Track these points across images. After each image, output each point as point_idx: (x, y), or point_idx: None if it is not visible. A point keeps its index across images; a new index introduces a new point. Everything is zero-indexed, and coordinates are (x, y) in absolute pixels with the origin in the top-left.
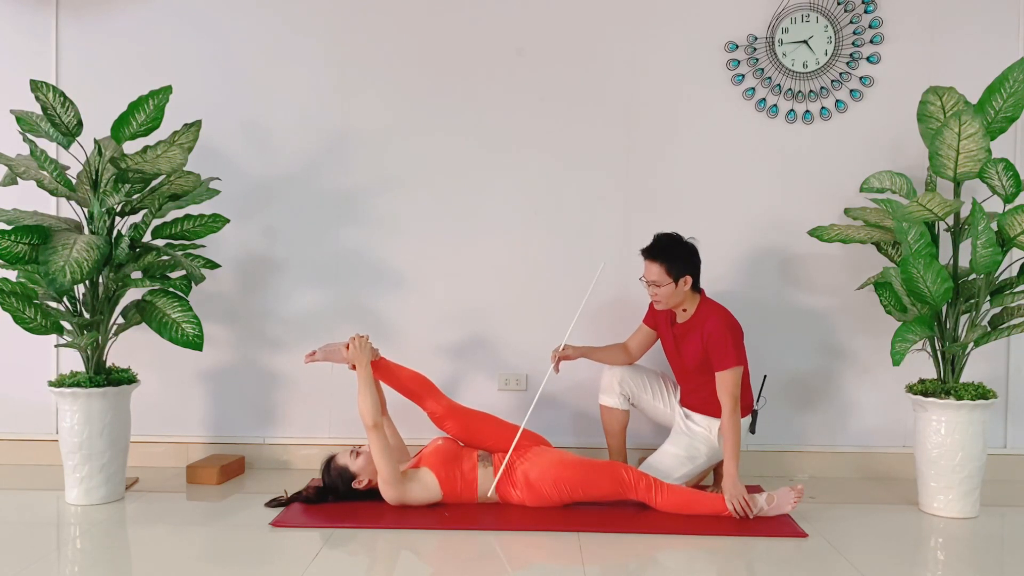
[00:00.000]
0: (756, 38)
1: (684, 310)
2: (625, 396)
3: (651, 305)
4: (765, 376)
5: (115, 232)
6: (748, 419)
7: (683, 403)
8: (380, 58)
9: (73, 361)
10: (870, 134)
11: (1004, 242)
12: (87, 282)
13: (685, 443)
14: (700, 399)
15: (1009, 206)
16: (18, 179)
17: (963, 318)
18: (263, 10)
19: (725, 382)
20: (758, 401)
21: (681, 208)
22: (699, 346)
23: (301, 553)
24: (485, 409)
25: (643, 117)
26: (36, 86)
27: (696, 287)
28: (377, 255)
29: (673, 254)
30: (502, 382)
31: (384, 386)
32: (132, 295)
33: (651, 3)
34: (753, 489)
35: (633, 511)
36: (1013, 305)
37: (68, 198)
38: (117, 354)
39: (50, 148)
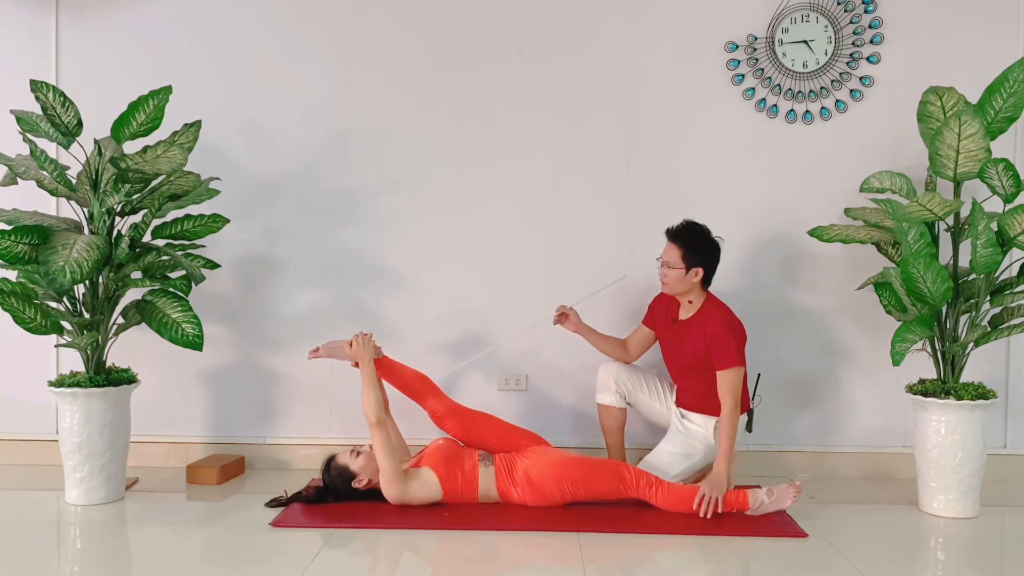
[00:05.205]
0: (756, 38)
1: (690, 302)
2: (621, 395)
3: (650, 307)
4: (759, 375)
5: (115, 232)
6: (744, 417)
7: (679, 403)
8: (380, 57)
9: (73, 361)
10: (870, 134)
11: (1004, 242)
12: (87, 282)
13: (681, 442)
14: (695, 397)
15: (1009, 206)
16: (18, 179)
17: (963, 318)
18: (263, 10)
19: (727, 381)
20: (753, 399)
21: (681, 207)
22: (702, 345)
23: (301, 553)
24: (485, 409)
25: (643, 117)
26: (36, 86)
27: (707, 283)
28: (377, 255)
29: (694, 243)
30: (502, 382)
31: (386, 385)
32: (132, 295)
33: (651, 3)
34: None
35: (633, 511)
36: (1013, 305)
37: (68, 198)
38: (117, 354)
39: (50, 148)
